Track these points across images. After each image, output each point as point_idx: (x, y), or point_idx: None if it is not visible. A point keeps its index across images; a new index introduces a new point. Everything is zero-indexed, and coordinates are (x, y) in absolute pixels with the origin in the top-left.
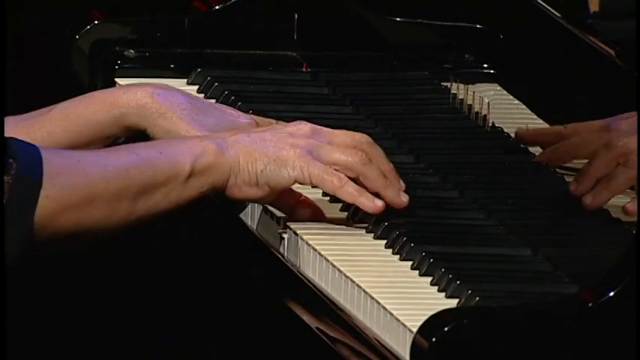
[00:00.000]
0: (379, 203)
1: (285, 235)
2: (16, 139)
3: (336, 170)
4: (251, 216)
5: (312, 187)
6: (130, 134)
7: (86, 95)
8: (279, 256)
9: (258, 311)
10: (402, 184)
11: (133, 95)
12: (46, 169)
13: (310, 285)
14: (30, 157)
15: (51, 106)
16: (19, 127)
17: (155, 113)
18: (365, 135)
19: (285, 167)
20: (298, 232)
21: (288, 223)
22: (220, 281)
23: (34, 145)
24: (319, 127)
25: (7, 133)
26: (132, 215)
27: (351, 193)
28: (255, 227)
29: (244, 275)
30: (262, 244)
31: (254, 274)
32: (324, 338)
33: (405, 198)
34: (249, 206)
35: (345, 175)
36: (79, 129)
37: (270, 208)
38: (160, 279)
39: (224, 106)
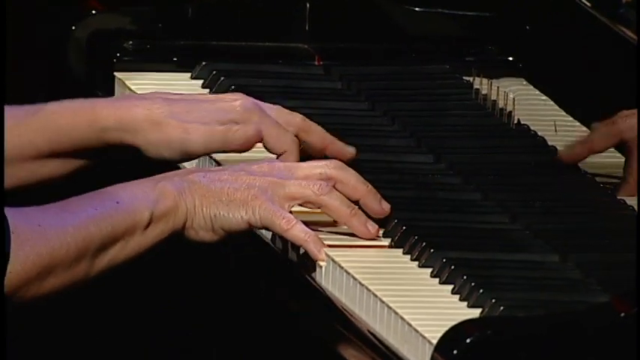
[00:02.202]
0: (323, 256)
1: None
2: None
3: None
4: None
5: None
6: (119, 152)
7: (72, 103)
8: (291, 262)
9: (259, 311)
10: (384, 205)
11: (114, 109)
12: (14, 239)
13: (323, 293)
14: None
15: (39, 106)
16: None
17: (136, 128)
18: (334, 160)
19: (238, 211)
20: None
21: None
22: (221, 281)
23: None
24: (281, 163)
25: None
26: (90, 273)
27: (297, 236)
28: (263, 231)
29: (246, 276)
30: (272, 250)
31: (262, 280)
32: (337, 349)
33: (372, 228)
34: None
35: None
36: (60, 139)
37: None
38: (160, 279)
39: (211, 96)
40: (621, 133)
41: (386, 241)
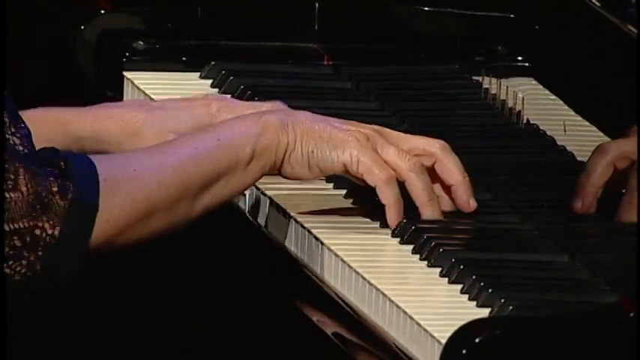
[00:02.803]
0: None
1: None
2: (71, 154)
3: None
4: (261, 214)
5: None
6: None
7: (46, 111)
8: (297, 260)
9: (260, 311)
10: (472, 202)
11: (84, 120)
12: (103, 188)
13: (331, 292)
14: (85, 176)
15: (23, 112)
16: None
17: (110, 139)
18: (441, 141)
19: (336, 150)
20: (319, 236)
21: (306, 226)
22: (221, 281)
23: (88, 160)
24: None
25: None
26: (191, 214)
27: (388, 194)
28: (264, 224)
29: (246, 275)
30: (275, 246)
31: (265, 279)
32: (344, 348)
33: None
34: (259, 202)
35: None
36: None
37: (283, 205)
38: (160, 278)
39: (185, 102)
40: (614, 162)
41: (395, 240)
